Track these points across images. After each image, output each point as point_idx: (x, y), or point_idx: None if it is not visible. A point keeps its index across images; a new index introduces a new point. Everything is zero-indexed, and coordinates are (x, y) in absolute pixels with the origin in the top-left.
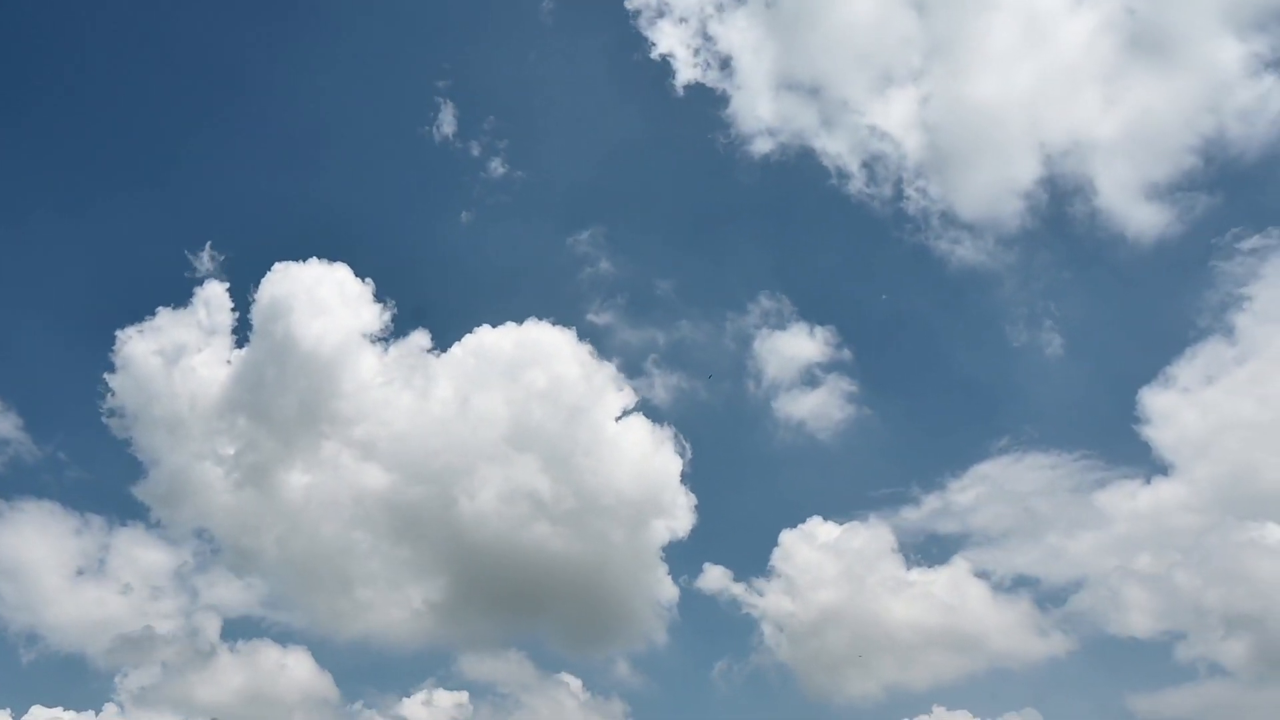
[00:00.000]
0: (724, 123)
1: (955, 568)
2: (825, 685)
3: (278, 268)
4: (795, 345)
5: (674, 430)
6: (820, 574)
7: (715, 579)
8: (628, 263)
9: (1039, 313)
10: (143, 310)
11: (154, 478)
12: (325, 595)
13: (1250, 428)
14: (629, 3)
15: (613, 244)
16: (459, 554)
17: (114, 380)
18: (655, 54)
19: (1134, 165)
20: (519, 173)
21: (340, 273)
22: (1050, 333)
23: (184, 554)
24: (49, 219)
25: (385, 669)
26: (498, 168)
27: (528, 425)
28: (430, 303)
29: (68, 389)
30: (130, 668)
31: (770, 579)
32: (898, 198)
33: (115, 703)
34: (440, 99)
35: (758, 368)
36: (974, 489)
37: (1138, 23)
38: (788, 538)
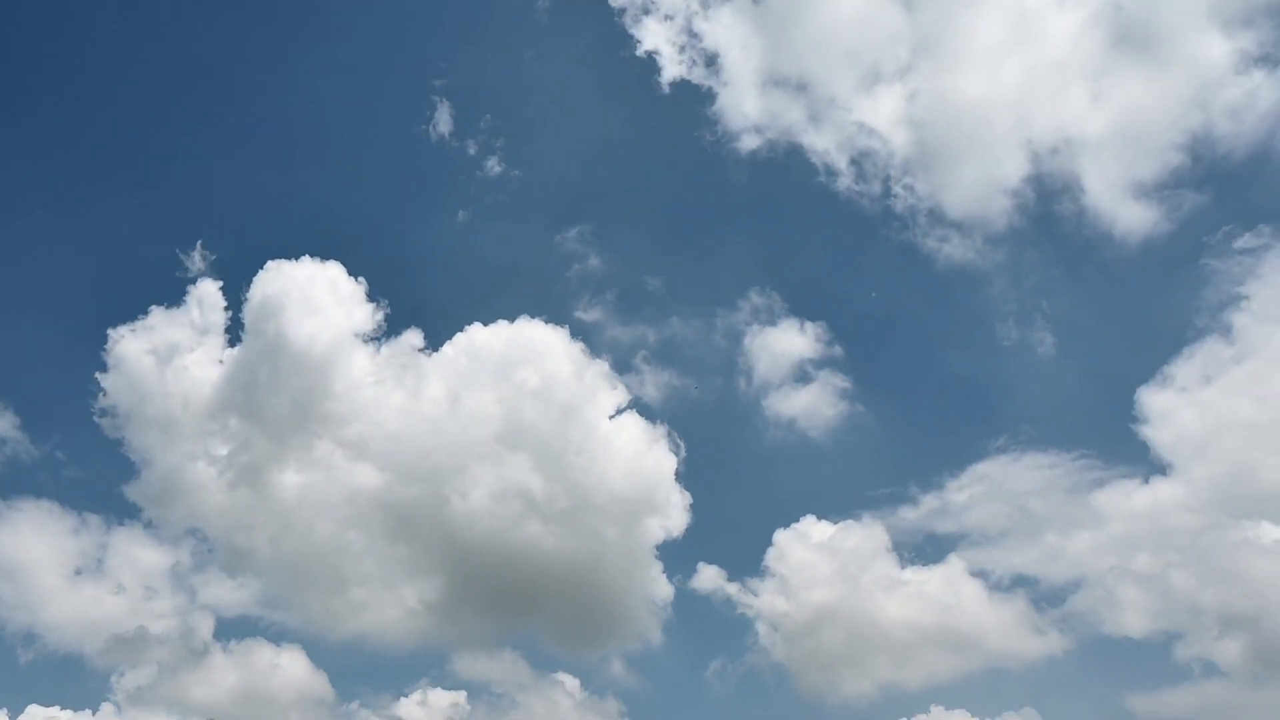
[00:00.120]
0: (710, 120)
1: (953, 567)
2: (821, 685)
3: (270, 266)
4: (786, 341)
5: (667, 428)
6: (814, 573)
7: (709, 578)
8: (617, 260)
9: (1030, 311)
10: (136, 309)
11: (146, 478)
12: (320, 595)
13: (1248, 427)
14: (614, 1)
15: (602, 241)
16: (453, 553)
17: (106, 380)
18: (640, 51)
19: (1122, 163)
20: (515, 171)
21: (333, 271)
22: (1042, 332)
23: (182, 553)
24: (44, 218)
25: (380, 669)
26: (494, 167)
27: (521, 424)
28: (424, 301)
29: (65, 388)
30: (127, 667)
31: (764, 579)
32: (886, 195)
33: (112, 702)
34: (437, 98)
35: (749, 364)
36: (972, 488)
37: (1124, 18)
38: (781, 537)
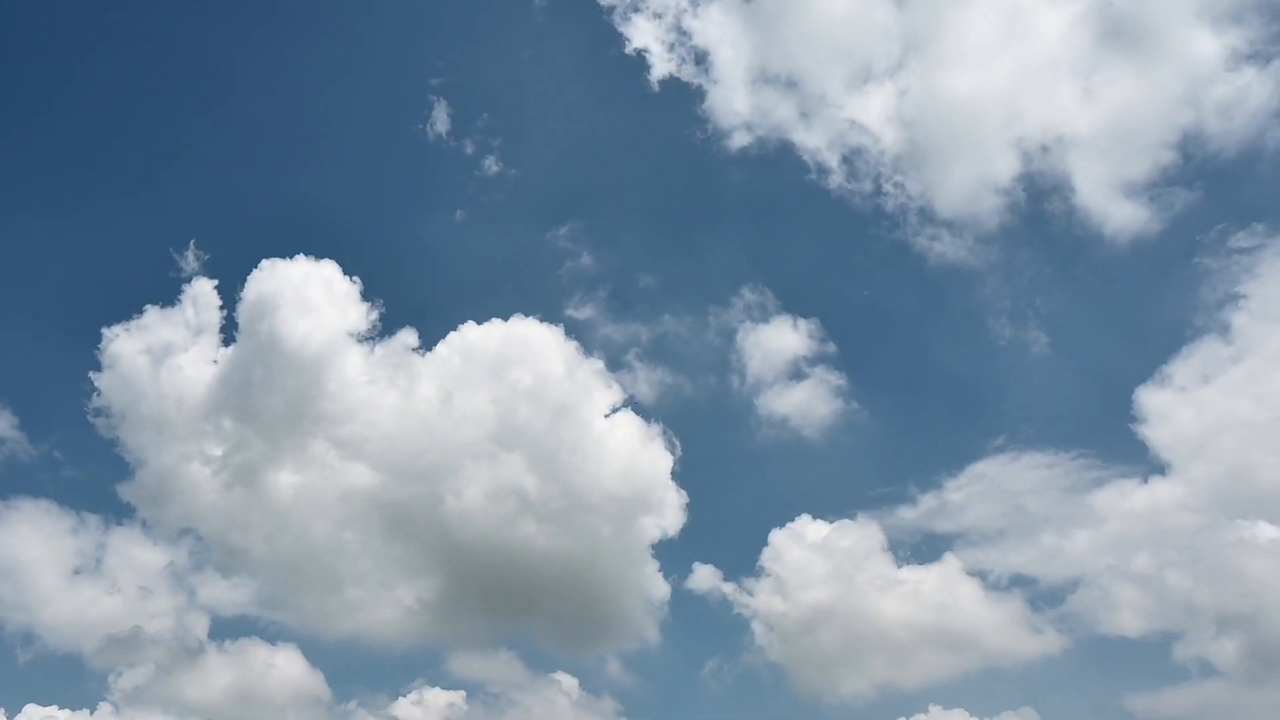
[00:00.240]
0: (700, 117)
1: (951, 566)
2: (818, 684)
3: (264, 265)
4: (779, 338)
5: (662, 427)
6: (811, 573)
7: (705, 578)
8: (609, 258)
9: (1023, 310)
10: (131, 308)
11: (140, 478)
12: (316, 594)
13: (1247, 427)
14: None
15: (593, 239)
16: (449, 553)
17: (100, 379)
18: (630, 49)
19: (1113, 161)
20: (513, 170)
21: (328, 270)
22: (1036, 331)
23: (179, 553)
24: (39, 217)
25: (377, 668)
26: (491, 166)
27: (515, 423)
28: (418, 300)
29: (62, 387)
30: (125, 667)
31: (760, 578)
32: (877, 193)
33: (110, 702)
34: (434, 97)
35: (741, 362)
36: (970, 488)
37: (1115, 15)
38: (777, 536)
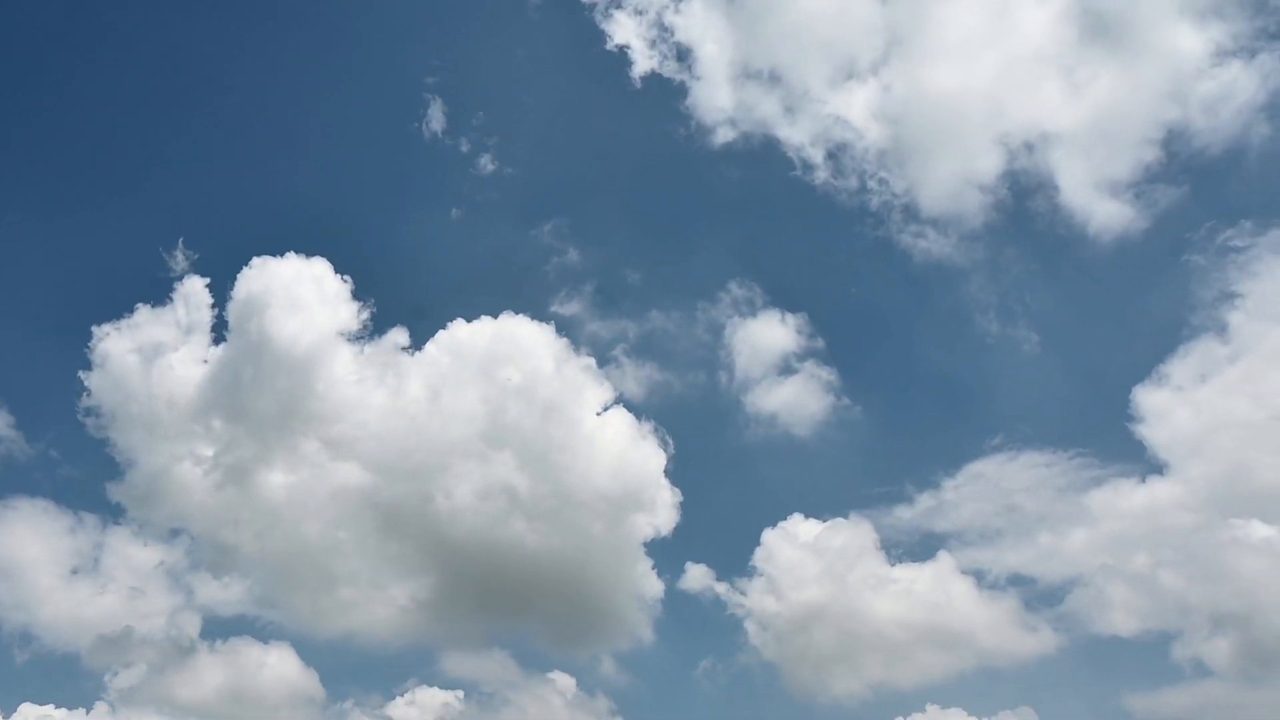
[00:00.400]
0: (684, 113)
1: (945, 565)
2: (811, 684)
3: (255, 262)
4: (768, 333)
5: (654, 424)
6: (803, 572)
7: (697, 578)
8: (595, 254)
9: (1011, 308)
10: (122, 307)
11: (131, 479)
12: (309, 594)
13: (1244, 426)
14: None
15: (579, 235)
16: (443, 552)
17: (90, 378)
18: (611, 45)
19: (1098, 157)
20: (508, 170)
21: (319, 267)
22: (1026, 330)
23: (176, 553)
24: (29, 215)
25: (371, 667)
26: (487, 165)
27: (508, 421)
28: (410, 298)
29: (59, 387)
30: (121, 666)
31: (752, 578)
32: (862, 189)
33: (106, 701)
34: (430, 95)
35: (730, 357)
36: (967, 487)
37: (1098, 9)
38: (769, 535)
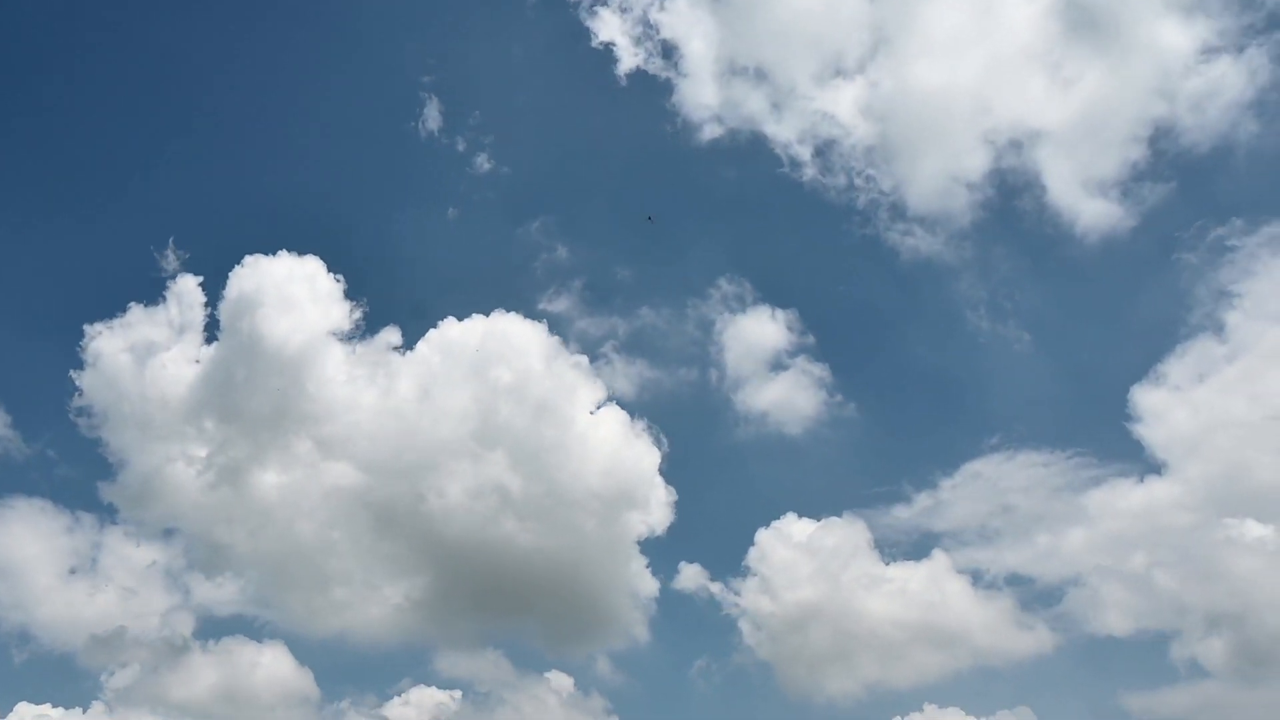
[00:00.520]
0: (670, 110)
1: (939, 564)
2: (806, 683)
3: (248, 261)
4: (758, 329)
5: (647, 422)
6: (797, 572)
7: (692, 577)
8: (584, 251)
9: (1001, 306)
10: (115, 306)
11: (123, 479)
12: (302, 593)
13: (1242, 426)
14: None
15: (567, 233)
16: (437, 551)
17: (82, 378)
18: (596, 42)
19: (1086, 155)
20: (505, 169)
21: (311, 266)
22: (1017, 329)
23: (170, 553)
24: (26, 216)
25: (365, 667)
26: (483, 163)
27: (500, 420)
28: (402, 293)
29: (56, 386)
30: (117, 666)
31: (746, 578)
32: (850, 187)
33: (103, 701)
34: (426, 94)
35: (721, 354)
36: (965, 486)
37: (1085, 5)
38: (763, 535)
